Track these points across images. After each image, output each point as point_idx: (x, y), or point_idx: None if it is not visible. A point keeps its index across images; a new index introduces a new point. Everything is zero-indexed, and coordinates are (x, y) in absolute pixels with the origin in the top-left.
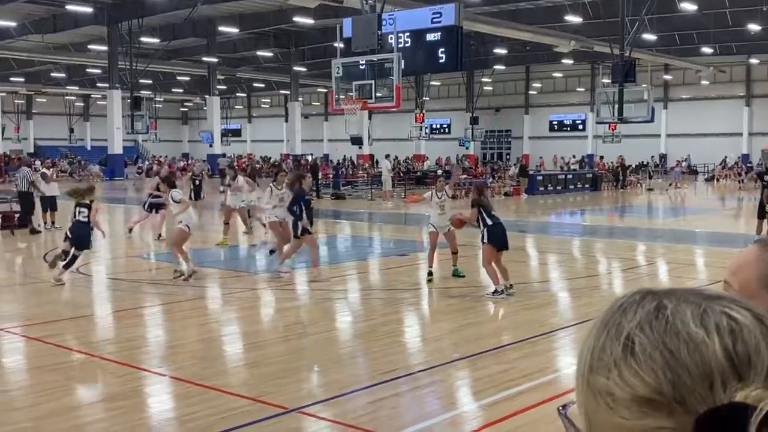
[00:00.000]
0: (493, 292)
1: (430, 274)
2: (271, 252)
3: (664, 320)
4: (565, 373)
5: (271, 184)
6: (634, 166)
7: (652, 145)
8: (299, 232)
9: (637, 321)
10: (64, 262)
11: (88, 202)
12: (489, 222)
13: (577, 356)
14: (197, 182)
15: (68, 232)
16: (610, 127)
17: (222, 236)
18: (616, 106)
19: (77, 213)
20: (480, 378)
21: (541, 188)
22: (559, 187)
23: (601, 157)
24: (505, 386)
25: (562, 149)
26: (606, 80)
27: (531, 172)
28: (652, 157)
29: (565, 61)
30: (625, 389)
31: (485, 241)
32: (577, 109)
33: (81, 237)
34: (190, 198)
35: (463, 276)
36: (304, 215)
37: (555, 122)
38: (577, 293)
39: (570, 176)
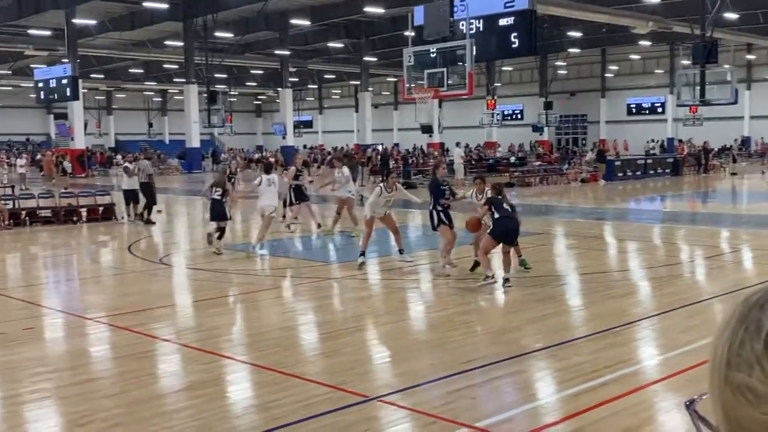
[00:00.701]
0: (484, 278)
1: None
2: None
3: None
4: (648, 364)
5: (381, 185)
6: (716, 149)
7: (734, 127)
8: (435, 225)
9: None
10: (217, 235)
11: (222, 186)
12: (496, 215)
13: (711, 352)
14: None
15: (209, 211)
16: (691, 109)
17: (331, 225)
18: (698, 88)
19: (213, 192)
20: (561, 369)
21: (620, 174)
22: (638, 173)
23: (680, 141)
24: (587, 378)
25: (640, 133)
26: (686, 61)
27: (609, 158)
28: (736, 140)
29: (642, 42)
30: None
31: (488, 232)
32: (656, 92)
33: (218, 212)
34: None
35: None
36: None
37: (633, 105)
38: (659, 282)
39: (650, 161)
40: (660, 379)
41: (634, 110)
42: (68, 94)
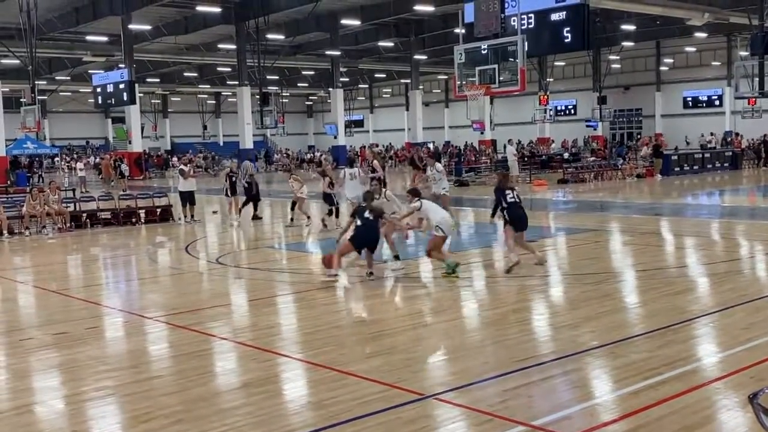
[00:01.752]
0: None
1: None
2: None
3: None
4: (708, 362)
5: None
6: None
7: None
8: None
9: None
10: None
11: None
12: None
13: None
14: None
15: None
16: (749, 102)
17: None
18: (756, 79)
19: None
20: (619, 367)
21: (677, 168)
22: (696, 167)
23: (737, 134)
24: (646, 375)
25: (698, 127)
26: (744, 53)
27: (666, 152)
28: None
29: (698, 34)
30: None
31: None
32: (713, 84)
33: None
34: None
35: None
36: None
37: (689, 99)
38: (717, 279)
39: (707, 155)
40: (721, 376)
41: (690, 103)
42: (125, 98)
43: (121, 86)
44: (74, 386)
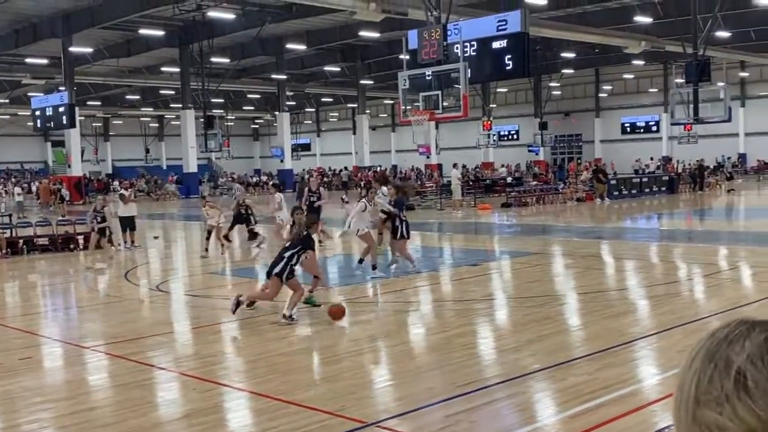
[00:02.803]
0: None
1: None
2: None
3: None
4: (647, 384)
5: (364, 200)
6: (712, 167)
7: (730, 144)
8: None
9: (747, 354)
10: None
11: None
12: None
13: (678, 388)
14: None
15: None
16: (685, 127)
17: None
18: (692, 106)
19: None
20: (560, 390)
21: (615, 192)
22: (634, 191)
23: (668, 159)
24: (586, 398)
25: (636, 152)
26: (680, 80)
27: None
28: (729, 158)
29: (635, 62)
30: (739, 425)
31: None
32: (651, 111)
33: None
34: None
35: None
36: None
37: (627, 125)
38: (657, 301)
39: (645, 180)
40: (659, 399)
41: (628, 129)
42: (65, 121)
43: (61, 109)
44: (7, 419)
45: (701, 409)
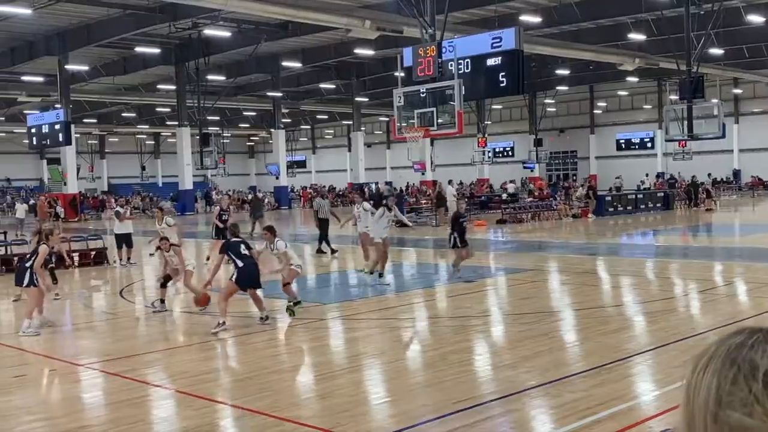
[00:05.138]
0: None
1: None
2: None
3: None
4: (643, 401)
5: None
6: (705, 183)
7: (724, 160)
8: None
9: None
10: None
11: None
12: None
13: (691, 392)
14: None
15: None
16: (680, 144)
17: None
18: (686, 122)
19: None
20: (555, 406)
21: (611, 209)
22: (629, 207)
23: (657, 176)
24: (581, 415)
25: (630, 168)
26: (674, 97)
27: (600, 193)
28: (719, 179)
29: (630, 78)
30: None
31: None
32: (645, 127)
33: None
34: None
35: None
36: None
37: (622, 141)
38: (653, 317)
39: (640, 196)
40: (655, 415)
41: (623, 145)
42: (61, 139)
43: (57, 127)
44: None
45: (724, 410)
